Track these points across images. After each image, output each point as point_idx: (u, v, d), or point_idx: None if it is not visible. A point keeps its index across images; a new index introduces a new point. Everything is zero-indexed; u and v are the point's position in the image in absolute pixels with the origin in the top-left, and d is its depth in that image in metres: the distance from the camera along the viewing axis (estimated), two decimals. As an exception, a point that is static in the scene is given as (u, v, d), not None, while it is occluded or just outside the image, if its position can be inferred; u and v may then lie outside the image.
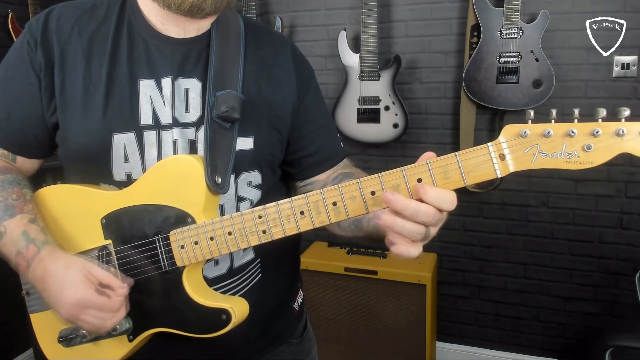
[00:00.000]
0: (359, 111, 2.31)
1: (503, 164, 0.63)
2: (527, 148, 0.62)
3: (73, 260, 0.78)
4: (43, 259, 0.78)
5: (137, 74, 0.84)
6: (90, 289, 0.76)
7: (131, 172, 0.83)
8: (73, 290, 0.75)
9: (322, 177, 0.98)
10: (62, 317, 0.78)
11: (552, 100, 2.12)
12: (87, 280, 0.76)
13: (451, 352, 2.57)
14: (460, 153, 0.64)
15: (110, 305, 0.77)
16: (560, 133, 0.61)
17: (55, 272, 0.77)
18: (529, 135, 0.62)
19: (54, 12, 0.86)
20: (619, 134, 0.58)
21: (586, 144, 0.60)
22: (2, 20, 2.41)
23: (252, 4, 2.35)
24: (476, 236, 2.44)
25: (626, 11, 2.05)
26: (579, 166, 0.61)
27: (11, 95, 0.86)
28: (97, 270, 0.77)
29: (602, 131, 0.59)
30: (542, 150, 0.62)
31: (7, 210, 0.82)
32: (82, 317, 0.76)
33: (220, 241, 0.77)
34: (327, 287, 2.29)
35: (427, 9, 2.32)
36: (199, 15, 0.84)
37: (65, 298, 0.75)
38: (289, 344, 1.03)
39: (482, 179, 0.64)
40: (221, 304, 0.80)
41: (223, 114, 0.82)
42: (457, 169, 0.64)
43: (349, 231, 0.87)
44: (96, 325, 0.77)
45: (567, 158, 0.61)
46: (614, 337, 1.67)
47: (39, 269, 0.78)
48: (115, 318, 0.78)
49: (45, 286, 0.78)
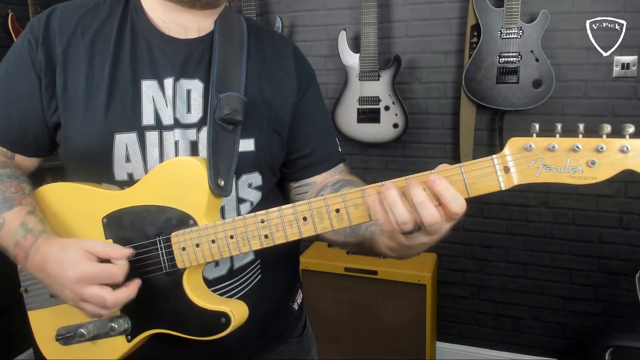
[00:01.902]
0: (359, 111, 2.31)
1: (507, 176, 0.64)
2: (531, 161, 0.62)
3: (69, 242, 0.78)
4: (40, 247, 0.77)
5: (140, 74, 0.84)
6: (90, 260, 0.75)
7: (133, 172, 0.83)
8: (73, 269, 0.74)
9: (318, 179, 0.97)
10: (67, 299, 0.76)
11: (552, 100, 2.12)
12: (85, 254, 0.75)
13: (451, 352, 2.57)
14: (465, 164, 0.64)
15: (113, 274, 0.75)
16: (565, 148, 0.61)
17: (54, 255, 0.76)
18: (533, 148, 0.62)
19: (57, 11, 0.86)
20: (623, 150, 0.59)
21: (590, 159, 0.60)
22: (2, 20, 2.41)
23: (252, 4, 2.35)
24: (476, 236, 2.44)
25: (626, 11, 2.05)
26: (583, 181, 0.61)
27: (11, 94, 0.85)
28: (93, 245, 0.77)
29: (606, 147, 0.59)
30: (547, 164, 0.62)
31: (6, 203, 0.82)
32: (87, 294, 0.74)
33: (221, 244, 0.77)
34: (327, 287, 2.29)
35: (427, 9, 2.32)
36: (198, 4, 0.84)
37: (66, 278, 0.74)
38: (288, 344, 1.03)
39: (485, 191, 0.65)
40: (221, 307, 0.80)
41: (226, 116, 0.82)
42: (461, 180, 0.65)
43: (342, 235, 0.86)
44: (102, 299, 0.74)
45: (571, 173, 0.61)
46: (614, 337, 1.67)
47: (37, 256, 0.77)
48: (119, 293, 0.75)
49: (45, 271, 0.77)
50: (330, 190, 0.90)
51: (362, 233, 0.81)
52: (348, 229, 0.84)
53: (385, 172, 2.52)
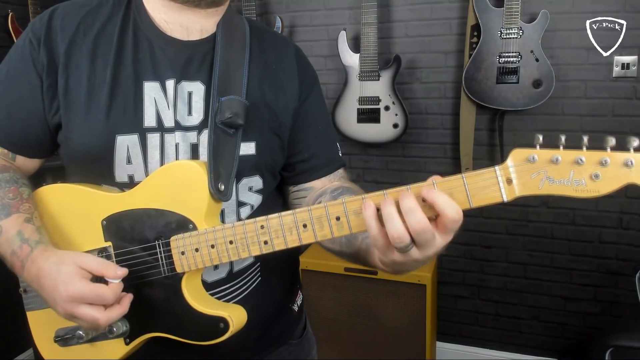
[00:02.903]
0: (359, 111, 2.31)
1: (510, 188, 0.63)
2: (534, 173, 0.62)
3: (65, 256, 0.76)
4: (36, 259, 0.77)
5: (142, 75, 0.83)
6: (84, 280, 0.73)
7: (133, 174, 0.83)
8: (65, 286, 0.72)
9: (318, 184, 0.96)
10: (60, 314, 0.76)
11: (552, 100, 2.12)
12: (79, 273, 0.74)
13: (451, 352, 2.57)
14: (467, 175, 0.64)
15: (104, 296, 0.73)
16: (569, 160, 0.60)
17: (48, 270, 0.75)
18: (537, 160, 0.61)
19: (59, 10, 0.85)
20: (628, 164, 0.58)
21: (594, 172, 0.59)
22: (2, 20, 2.41)
23: (252, 4, 2.35)
24: (476, 236, 2.44)
25: (626, 11, 2.05)
26: (586, 194, 0.60)
27: (12, 94, 0.85)
28: (88, 261, 0.75)
29: (610, 161, 0.58)
30: (550, 177, 0.61)
31: (3, 210, 0.82)
32: (79, 313, 0.73)
33: (221, 249, 0.77)
34: (327, 287, 2.29)
35: (427, 9, 2.32)
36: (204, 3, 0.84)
37: (58, 295, 0.73)
38: (288, 345, 1.03)
39: (487, 202, 0.64)
40: (219, 312, 0.79)
41: (227, 120, 0.82)
42: (463, 191, 0.64)
43: (337, 244, 0.84)
44: (93, 318, 0.73)
45: (575, 186, 0.60)
46: (614, 337, 1.67)
47: (33, 268, 0.77)
48: (111, 312, 0.74)
49: (40, 285, 0.76)
50: (329, 197, 0.90)
51: (357, 244, 0.80)
52: (344, 239, 0.82)
53: (385, 172, 2.52)
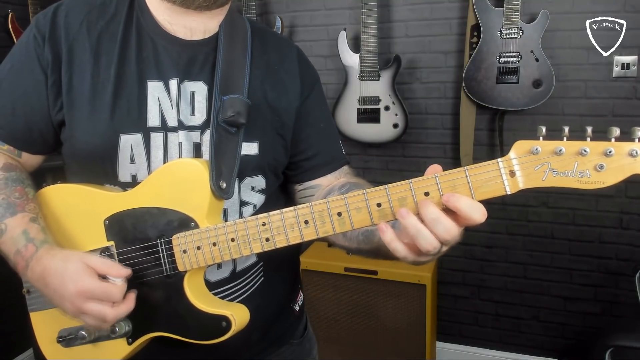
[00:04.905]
0: (359, 111, 2.31)
1: (513, 180, 0.62)
2: (537, 165, 0.61)
3: (70, 254, 0.77)
4: (41, 258, 0.77)
5: (146, 75, 0.83)
6: (91, 276, 0.74)
7: (137, 173, 0.83)
8: (74, 282, 0.73)
9: (324, 181, 0.96)
10: (68, 311, 0.76)
11: (552, 100, 2.12)
12: (87, 269, 0.74)
13: (451, 352, 2.57)
14: (469, 168, 0.63)
15: (112, 293, 0.74)
16: (573, 151, 0.59)
17: (55, 267, 0.75)
18: (540, 152, 0.60)
19: (63, 7, 0.85)
20: (633, 154, 0.57)
21: (598, 163, 0.58)
22: (2, 20, 2.41)
23: (252, 4, 2.35)
24: (476, 236, 2.44)
25: (626, 11, 2.05)
26: (591, 186, 0.59)
27: (17, 90, 0.85)
28: (93, 260, 0.76)
29: (615, 151, 0.57)
30: (554, 168, 0.60)
31: (9, 208, 0.82)
32: (87, 308, 0.74)
33: (222, 247, 0.76)
34: (327, 287, 2.29)
35: (427, 9, 2.32)
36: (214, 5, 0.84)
37: (67, 291, 0.74)
38: (290, 345, 1.04)
39: (490, 195, 0.63)
40: (221, 311, 0.79)
41: (229, 118, 0.82)
42: (465, 184, 0.63)
43: (355, 242, 0.85)
44: (101, 314, 0.74)
45: (579, 177, 0.59)
46: (614, 337, 1.67)
47: (38, 267, 0.77)
48: (119, 309, 0.75)
49: (46, 283, 0.76)
50: (337, 193, 0.90)
51: (377, 240, 0.80)
52: (361, 236, 0.83)
53: (385, 172, 2.52)
